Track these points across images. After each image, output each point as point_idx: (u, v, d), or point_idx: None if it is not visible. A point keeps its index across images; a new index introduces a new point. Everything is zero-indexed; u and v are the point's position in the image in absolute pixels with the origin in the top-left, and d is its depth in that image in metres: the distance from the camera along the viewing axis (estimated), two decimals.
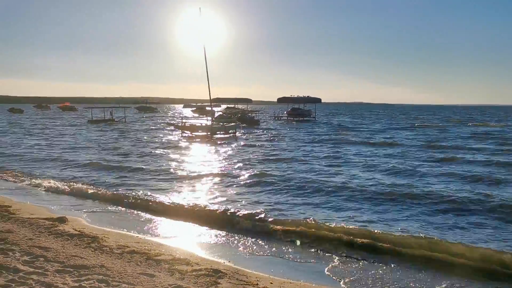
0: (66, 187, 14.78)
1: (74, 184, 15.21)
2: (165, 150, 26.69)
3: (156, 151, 25.86)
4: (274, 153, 24.86)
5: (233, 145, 29.64)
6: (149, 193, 13.56)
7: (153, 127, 52.24)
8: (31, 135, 39.13)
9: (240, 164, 19.93)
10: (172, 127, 45.43)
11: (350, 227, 9.59)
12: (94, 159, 21.77)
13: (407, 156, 23.08)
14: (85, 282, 6.08)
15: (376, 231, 9.32)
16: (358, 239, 8.94)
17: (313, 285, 7.01)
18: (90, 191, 14.01)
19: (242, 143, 31.24)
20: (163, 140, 34.00)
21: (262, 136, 38.17)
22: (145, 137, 36.34)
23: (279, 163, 20.80)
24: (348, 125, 56.48)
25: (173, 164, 20.44)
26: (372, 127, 52.20)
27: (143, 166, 19.44)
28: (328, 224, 9.82)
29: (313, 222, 9.93)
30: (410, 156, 23.32)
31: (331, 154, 23.87)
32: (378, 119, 77.34)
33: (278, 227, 9.87)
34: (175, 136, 38.48)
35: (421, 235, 8.99)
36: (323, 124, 59.04)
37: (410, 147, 28.19)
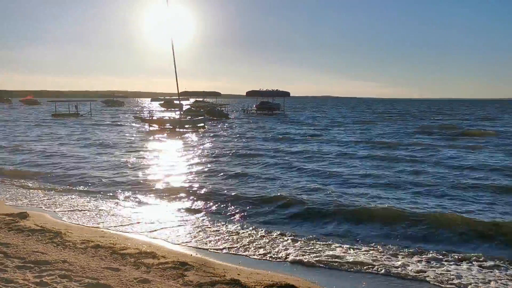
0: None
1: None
2: (132, 147, 26.23)
3: (121, 151, 25.33)
4: (241, 151, 23.48)
5: (200, 139, 29.35)
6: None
7: (120, 121, 51.14)
8: None
9: (208, 165, 18.47)
10: (139, 121, 44.67)
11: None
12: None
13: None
14: (46, 277, 5.92)
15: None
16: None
17: (280, 274, 7.06)
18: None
19: (209, 137, 31.09)
20: (129, 135, 33.39)
21: (230, 130, 38.01)
22: (110, 133, 35.51)
23: (244, 160, 19.78)
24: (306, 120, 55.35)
25: (136, 163, 19.94)
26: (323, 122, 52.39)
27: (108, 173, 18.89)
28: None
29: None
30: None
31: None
32: (341, 114, 78.28)
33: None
34: (142, 130, 37.87)
35: None
36: (290, 119, 59.10)
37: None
